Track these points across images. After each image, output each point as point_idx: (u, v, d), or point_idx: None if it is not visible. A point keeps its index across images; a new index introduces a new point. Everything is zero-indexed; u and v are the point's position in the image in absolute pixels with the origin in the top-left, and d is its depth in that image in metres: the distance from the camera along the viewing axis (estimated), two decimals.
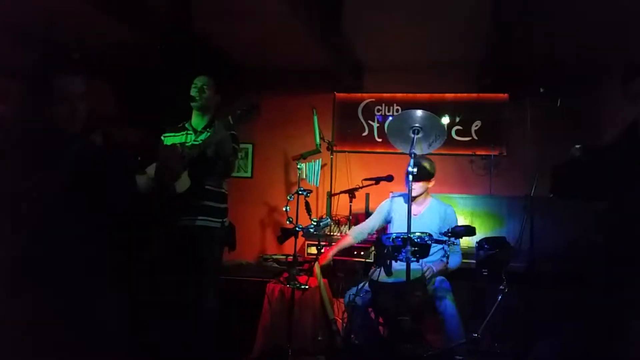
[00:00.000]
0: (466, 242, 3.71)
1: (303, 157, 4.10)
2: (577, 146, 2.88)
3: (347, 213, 4.35)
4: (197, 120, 3.18)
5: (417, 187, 3.45)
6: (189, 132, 3.15)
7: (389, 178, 3.93)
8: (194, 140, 3.08)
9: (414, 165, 2.95)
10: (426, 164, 3.47)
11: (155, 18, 3.73)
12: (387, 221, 3.66)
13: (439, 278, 3.33)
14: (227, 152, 2.83)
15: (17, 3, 3.42)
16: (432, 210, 3.54)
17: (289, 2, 3.27)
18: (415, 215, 3.57)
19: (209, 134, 3.13)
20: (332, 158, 4.91)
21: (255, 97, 3.50)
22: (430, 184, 3.55)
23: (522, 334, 3.37)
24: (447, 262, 3.22)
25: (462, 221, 3.84)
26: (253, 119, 3.36)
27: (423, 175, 3.39)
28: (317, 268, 3.53)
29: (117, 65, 4.76)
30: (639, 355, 2.69)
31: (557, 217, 3.82)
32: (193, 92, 3.12)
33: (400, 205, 3.69)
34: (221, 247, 3.14)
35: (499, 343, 3.16)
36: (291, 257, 3.74)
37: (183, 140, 3.10)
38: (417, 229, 3.11)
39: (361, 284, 3.21)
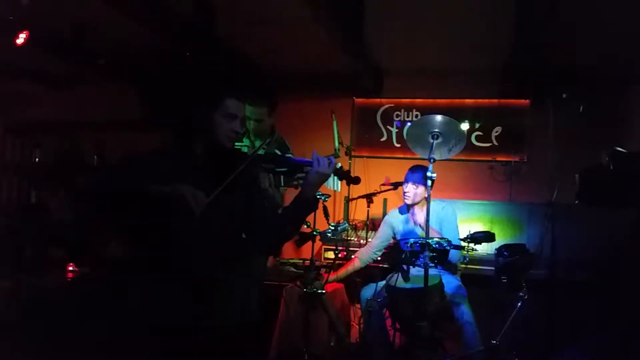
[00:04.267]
0: (485, 248, 3.67)
1: None
2: (606, 151, 2.81)
3: (364, 218, 4.34)
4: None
5: (419, 193, 3.45)
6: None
7: None
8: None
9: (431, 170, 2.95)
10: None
11: (177, 22, 3.78)
12: (394, 237, 3.65)
13: (455, 284, 3.31)
14: None
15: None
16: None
17: (310, 7, 3.29)
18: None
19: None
20: (350, 163, 4.91)
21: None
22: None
23: (542, 342, 3.32)
24: None
25: (481, 228, 3.81)
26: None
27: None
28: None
29: (143, 71, 4.87)
30: None
31: (578, 224, 3.76)
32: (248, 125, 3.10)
33: (397, 217, 3.67)
34: None
35: (517, 351, 3.12)
36: (308, 262, 3.74)
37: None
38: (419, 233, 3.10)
39: (379, 288, 3.20)
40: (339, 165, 2.14)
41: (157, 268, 1.87)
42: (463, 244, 3.15)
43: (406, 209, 3.57)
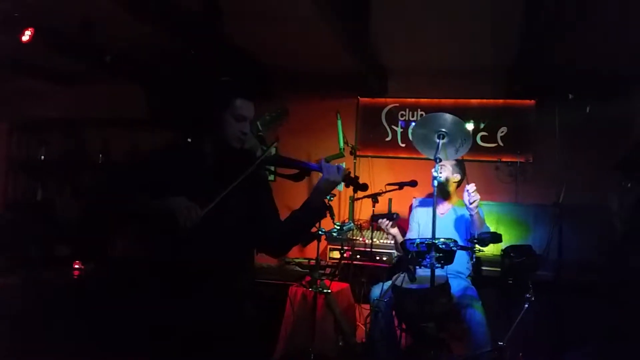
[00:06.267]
0: (492, 249, 3.66)
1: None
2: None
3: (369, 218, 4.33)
4: None
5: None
6: None
7: (413, 183, 3.90)
8: None
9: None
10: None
11: (185, 21, 3.77)
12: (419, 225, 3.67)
13: (464, 285, 3.29)
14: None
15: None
16: (457, 211, 3.51)
17: (315, 6, 3.27)
18: (442, 214, 3.55)
19: None
20: (355, 162, 4.90)
21: (282, 102, 3.49)
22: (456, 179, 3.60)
23: (548, 344, 3.31)
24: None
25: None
26: (281, 124, 3.36)
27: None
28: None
29: (147, 69, 4.87)
30: None
31: (585, 225, 3.74)
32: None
33: (423, 209, 3.68)
34: None
35: (523, 352, 3.11)
36: (313, 261, 3.74)
37: None
38: (441, 229, 3.09)
39: (386, 287, 3.19)
40: (348, 171, 2.13)
41: (159, 268, 1.87)
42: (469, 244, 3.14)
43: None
